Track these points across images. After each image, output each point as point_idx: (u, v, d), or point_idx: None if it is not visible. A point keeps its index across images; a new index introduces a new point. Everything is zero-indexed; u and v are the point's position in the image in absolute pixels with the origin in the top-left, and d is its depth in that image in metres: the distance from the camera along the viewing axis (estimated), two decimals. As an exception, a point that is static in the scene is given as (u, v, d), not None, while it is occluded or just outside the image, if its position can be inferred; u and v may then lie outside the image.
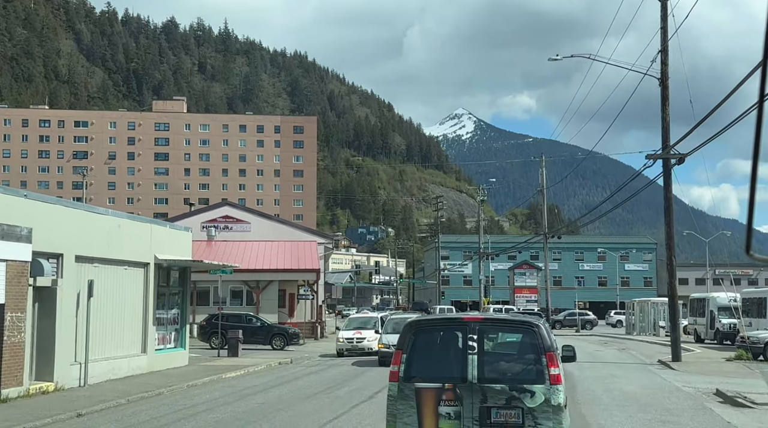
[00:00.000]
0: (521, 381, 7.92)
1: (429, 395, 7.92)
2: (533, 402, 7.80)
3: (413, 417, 7.93)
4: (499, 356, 8.40)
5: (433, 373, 8.08)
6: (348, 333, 29.57)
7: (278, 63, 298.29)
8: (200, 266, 24.04)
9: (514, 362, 8.29)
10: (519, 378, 7.98)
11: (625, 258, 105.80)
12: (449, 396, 7.88)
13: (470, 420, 7.82)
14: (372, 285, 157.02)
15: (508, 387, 7.88)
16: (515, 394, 7.83)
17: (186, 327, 23.68)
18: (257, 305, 40.55)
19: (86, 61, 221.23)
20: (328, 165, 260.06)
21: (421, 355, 8.18)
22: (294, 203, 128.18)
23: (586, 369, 23.84)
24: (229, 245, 46.15)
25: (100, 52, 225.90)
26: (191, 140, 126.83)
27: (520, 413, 7.78)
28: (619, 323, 71.91)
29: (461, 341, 8.11)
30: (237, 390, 18.40)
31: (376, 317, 30.52)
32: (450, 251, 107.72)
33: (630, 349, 34.83)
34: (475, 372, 7.92)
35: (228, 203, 54.21)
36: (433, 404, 7.90)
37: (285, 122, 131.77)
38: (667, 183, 26.31)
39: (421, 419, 7.91)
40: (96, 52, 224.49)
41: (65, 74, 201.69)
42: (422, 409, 7.91)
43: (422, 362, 8.15)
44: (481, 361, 7.98)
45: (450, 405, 7.87)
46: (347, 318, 31.87)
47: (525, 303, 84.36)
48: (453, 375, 7.97)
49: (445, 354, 8.28)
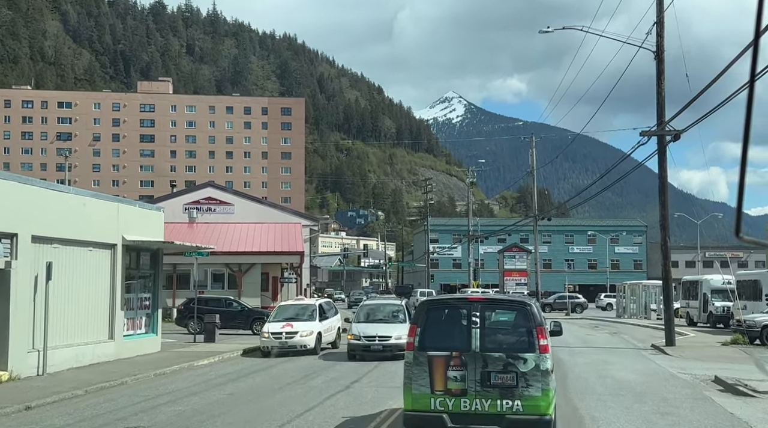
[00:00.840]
0: (515, 350, 9.43)
1: (439, 361, 9.42)
2: (525, 367, 9.29)
3: (426, 380, 9.43)
4: (497, 329, 9.80)
5: (443, 344, 9.58)
6: (275, 326, 22.61)
7: (267, 45, 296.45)
8: (172, 247, 22.81)
9: (510, 334, 9.78)
10: (514, 348, 9.49)
11: (615, 241, 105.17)
12: (456, 363, 9.38)
13: (473, 382, 9.32)
14: (361, 269, 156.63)
15: (505, 355, 9.37)
16: (510, 361, 9.32)
17: (158, 312, 22.49)
18: (239, 288, 39.44)
19: (73, 42, 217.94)
20: (317, 148, 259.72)
21: (432, 329, 9.74)
22: (282, 185, 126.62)
23: (578, 355, 22.87)
24: (211, 227, 45.00)
25: (86, 33, 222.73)
26: (177, 122, 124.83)
27: (514, 376, 9.28)
28: (609, 306, 71.27)
29: (466, 317, 9.62)
30: (207, 379, 17.30)
31: (313, 305, 23.89)
32: (439, 234, 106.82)
33: (622, 333, 33.95)
34: (478, 343, 9.45)
35: (211, 184, 52.95)
36: (442, 369, 9.40)
37: (272, 104, 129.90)
38: (662, 161, 25.27)
39: (432, 381, 9.42)
40: (83, 33, 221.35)
41: (51, 56, 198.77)
42: (433, 373, 9.42)
43: (433, 334, 9.69)
44: (483, 334, 9.51)
45: (457, 369, 9.37)
46: (277, 306, 25.06)
47: (515, 286, 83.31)
48: (459, 346, 9.47)
49: (452, 328, 9.74)
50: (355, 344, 21.22)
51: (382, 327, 21.49)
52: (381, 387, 15.70)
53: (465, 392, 9.32)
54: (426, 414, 9.39)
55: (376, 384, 16.15)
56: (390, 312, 22.73)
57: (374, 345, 20.94)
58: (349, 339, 21.63)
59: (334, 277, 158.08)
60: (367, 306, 23.79)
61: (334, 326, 25.06)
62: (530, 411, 9.19)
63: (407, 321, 21.16)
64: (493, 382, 9.28)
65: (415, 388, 9.47)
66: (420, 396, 9.44)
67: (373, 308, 23.25)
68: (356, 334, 21.38)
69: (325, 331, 23.65)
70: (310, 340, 22.25)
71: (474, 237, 76.88)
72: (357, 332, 21.40)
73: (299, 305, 24.44)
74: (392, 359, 20.31)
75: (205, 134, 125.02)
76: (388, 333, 21.14)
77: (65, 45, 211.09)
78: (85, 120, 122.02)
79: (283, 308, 24.23)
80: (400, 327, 21.12)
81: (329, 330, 24.18)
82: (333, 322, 24.89)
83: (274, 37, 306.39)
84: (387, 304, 23.84)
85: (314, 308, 23.67)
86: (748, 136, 2.62)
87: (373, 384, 16.34)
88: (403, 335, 19.86)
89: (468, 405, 9.31)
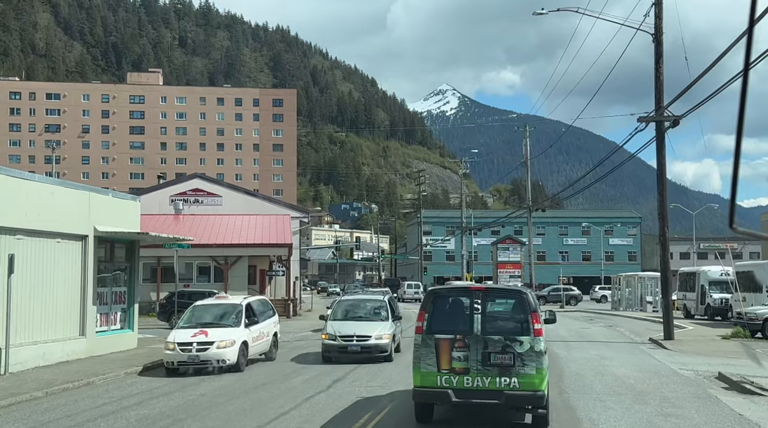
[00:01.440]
0: (513, 334, 10.34)
1: (445, 343, 10.32)
2: (521, 348, 10.19)
3: (433, 359, 10.32)
4: (496, 315, 10.70)
5: (448, 327, 10.49)
6: (184, 335, 17.08)
7: (260, 37, 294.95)
8: (149, 239, 21.70)
9: (508, 319, 10.67)
10: (511, 331, 10.40)
11: (609, 232, 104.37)
12: (460, 344, 10.29)
13: (475, 362, 10.22)
14: (354, 262, 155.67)
15: (503, 338, 10.28)
16: (508, 343, 10.23)
17: (135, 307, 21.43)
18: (225, 282, 38.39)
19: (64, 34, 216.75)
20: (311, 141, 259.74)
21: (439, 315, 10.63)
22: (273, 177, 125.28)
23: (574, 349, 21.95)
24: (197, 219, 43.95)
25: (78, 25, 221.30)
26: (167, 113, 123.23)
27: (511, 356, 10.18)
28: (604, 298, 70.58)
29: (469, 304, 10.59)
30: (180, 379, 16.30)
31: (239, 306, 18.29)
32: (432, 226, 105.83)
33: (618, 326, 33.07)
34: (479, 327, 10.39)
35: (199, 175, 51.87)
36: (448, 350, 10.29)
37: (264, 95, 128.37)
38: (660, 148, 24.30)
39: (438, 360, 10.30)
40: (74, 25, 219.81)
41: (42, 48, 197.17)
42: (440, 353, 10.32)
43: (440, 319, 10.57)
44: (484, 319, 10.44)
45: (460, 350, 10.28)
46: (191, 307, 19.04)
47: (508, 279, 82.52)
48: (463, 329, 10.40)
49: (456, 314, 10.67)
50: (329, 344, 18.75)
51: (361, 326, 19.19)
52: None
53: (468, 370, 10.26)
54: (433, 389, 10.35)
55: None
56: (371, 309, 20.37)
57: (352, 345, 18.62)
58: (324, 339, 18.99)
59: (327, 270, 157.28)
60: (345, 302, 21.13)
61: (268, 332, 19.39)
62: (526, 387, 10.13)
63: (390, 319, 19.79)
64: (493, 362, 10.22)
65: (423, 367, 10.41)
66: (428, 374, 10.37)
67: (352, 305, 20.77)
68: (331, 333, 18.81)
69: (254, 340, 18.15)
70: (231, 353, 16.78)
71: (467, 229, 75.99)
72: (332, 331, 18.85)
73: (220, 305, 18.68)
74: (372, 361, 18.36)
75: (196, 126, 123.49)
76: (368, 332, 18.82)
77: (56, 37, 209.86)
78: (73, 112, 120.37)
79: (199, 310, 18.54)
80: (382, 325, 19.29)
81: (260, 338, 18.67)
82: (266, 327, 19.24)
83: (267, 29, 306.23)
84: (368, 300, 21.30)
85: (240, 309, 18.11)
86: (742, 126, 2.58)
87: None
88: (385, 334, 18.79)
89: (470, 382, 10.26)
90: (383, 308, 20.32)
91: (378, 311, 20.29)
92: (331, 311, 20.43)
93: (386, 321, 19.62)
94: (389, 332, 19.11)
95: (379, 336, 18.72)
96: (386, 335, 18.93)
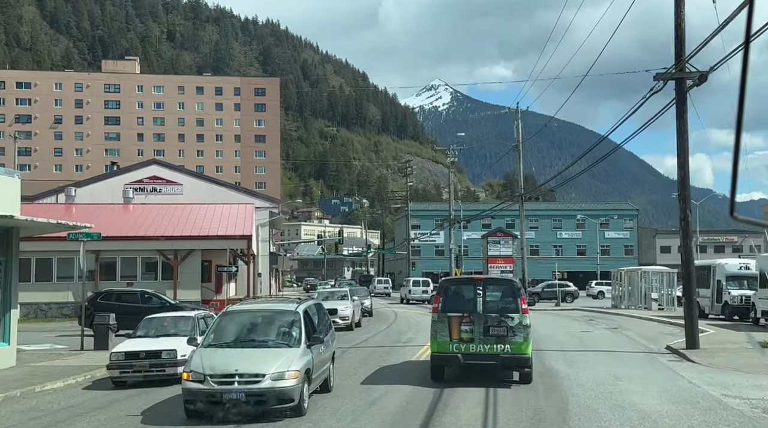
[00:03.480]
0: (506, 312, 14.16)
1: (455, 319, 14.12)
2: (513, 322, 14.01)
3: (446, 332, 14.09)
4: (494, 297, 14.38)
5: (458, 308, 14.30)
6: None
7: (249, 31, 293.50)
8: (32, 226, 16.77)
9: (502, 301, 14.37)
10: (504, 310, 14.20)
11: (605, 226, 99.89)
12: (467, 320, 14.08)
13: (478, 333, 14.01)
14: (343, 257, 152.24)
15: (499, 315, 14.12)
16: (502, 319, 14.06)
17: (10, 314, 16.57)
18: (175, 279, 33.69)
19: (50, 28, 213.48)
20: (301, 136, 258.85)
21: (450, 298, 14.54)
22: (256, 169, 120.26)
23: (578, 365, 17.26)
24: (148, 209, 39.31)
25: (64, 18, 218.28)
26: (144, 103, 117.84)
27: (505, 329, 13.99)
28: (601, 294, 66.21)
29: (473, 290, 14.42)
30: (34, 417, 11.60)
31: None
32: (421, 220, 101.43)
33: (624, 328, 28.43)
34: (481, 307, 14.17)
35: (156, 162, 47.25)
36: (457, 324, 14.08)
37: (245, 84, 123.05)
38: (681, 112, 19.64)
39: (450, 332, 14.07)
40: (60, 18, 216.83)
41: (27, 41, 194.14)
42: (451, 327, 14.08)
43: (451, 302, 14.44)
44: (484, 301, 14.23)
45: (467, 325, 14.07)
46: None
47: (499, 274, 78.31)
48: (468, 309, 14.21)
49: (464, 297, 14.55)
50: (194, 390, 10.95)
51: (249, 357, 11.48)
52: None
53: (472, 340, 13.97)
54: (446, 354, 14.08)
55: None
56: (274, 328, 12.53)
57: (230, 392, 10.89)
58: (185, 379, 11.13)
59: (315, 266, 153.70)
60: (231, 316, 13.01)
61: None
62: (516, 352, 13.87)
63: (303, 343, 11.96)
64: (491, 333, 13.94)
65: (439, 338, 14.10)
66: (442, 342, 14.08)
67: (242, 321, 12.72)
68: (197, 371, 11.09)
69: None
70: None
71: (455, 221, 71.38)
72: (200, 366, 11.17)
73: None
74: (261, 419, 10.99)
75: (174, 116, 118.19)
76: (259, 369, 11.11)
77: (42, 31, 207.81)
78: (45, 101, 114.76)
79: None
80: (289, 355, 11.53)
81: None
82: None
83: (257, 22, 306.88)
84: (268, 312, 13.07)
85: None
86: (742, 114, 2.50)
87: None
88: (289, 371, 11.14)
89: (474, 348, 13.97)
90: (296, 326, 12.31)
91: (286, 332, 12.37)
92: (205, 334, 12.99)
93: (297, 346, 11.86)
94: (297, 367, 11.32)
95: (281, 375, 11.05)
96: (291, 372, 11.17)
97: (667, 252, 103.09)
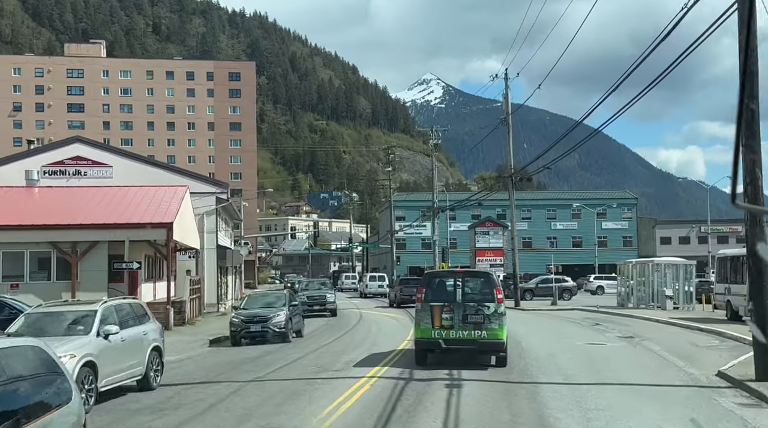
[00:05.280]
0: (483, 301, 15.52)
1: (437, 308, 15.45)
2: (489, 311, 15.35)
3: (429, 319, 15.44)
4: (472, 288, 15.87)
5: (439, 297, 15.66)
6: None
7: (237, 24, 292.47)
8: None
9: (479, 291, 15.78)
10: (481, 299, 15.58)
11: (602, 216, 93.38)
12: (447, 309, 15.41)
13: (458, 321, 15.32)
14: (329, 252, 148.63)
15: (477, 304, 15.44)
16: (480, 307, 15.38)
17: None
18: (73, 279, 26.88)
19: (32, 20, 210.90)
20: (290, 129, 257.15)
21: (433, 289, 15.91)
22: (231, 159, 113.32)
23: (599, 420, 10.35)
24: (55, 193, 32.56)
25: (46, 11, 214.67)
26: (110, 89, 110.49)
27: (482, 316, 15.29)
28: (600, 289, 59.77)
29: (453, 281, 16.07)
30: None
31: None
32: (406, 211, 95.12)
33: (642, 337, 21.60)
34: (460, 297, 15.61)
35: (80, 139, 40.47)
36: (439, 313, 15.41)
37: (219, 68, 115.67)
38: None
39: (432, 320, 15.41)
40: (42, 11, 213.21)
41: (8, 35, 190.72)
42: (433, 315, 15.41)
43: (434, 292, 15.81)
44: (464, 291, 15.73)
45: (448, 313, 15.40)
46: None
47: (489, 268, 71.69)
48: (449, 299, 15.64)
49: (445, 288, 16.02)
50: None
51: None
52: None
53: (452, 326, 15.34)
54: (429, 339, 15.50)
55: None
56: None
57: None
58: None
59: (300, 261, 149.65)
60: None
61: None
62: (492, 337, 15.23)
63: None
64: (470, 320, 15.29)
65: (422, 325, 15.56)
66: (425, 329, 15.52)
67: None
68: None
69: None
70: None
71: (439, 210, 64.83)
72: None
73: None
74: None
75: (143, 103, 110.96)
76: None
77: (24, 24, 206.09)
78: (3, 87, 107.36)
79: None
80: None
81: None
82: None
83: (244, 15, 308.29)
84: None
85: None
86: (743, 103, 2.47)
87: None
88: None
89: (454, 334, 15.35)
90: None
91: None
92: None
93: None
94: None
95: None
96: None
97: (667, 243, 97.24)
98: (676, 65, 13.75)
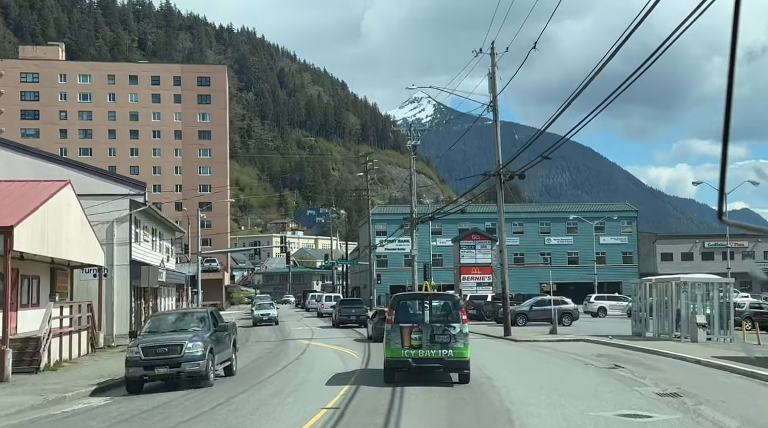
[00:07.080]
0: (449, 321, 16.75)
1: (406, 329, 16.54)
2: (455, 331, 16.50)
3: (399, 339, 16.47)
4: (438, 310, 17.28)
5: (408, 319, 16.82)
6: None
7: (224, 39, 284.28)
8: None
9: (445, 313, 17.17)
10: (447, 320, 16.82)
11: (600, 229, 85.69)
12: (416, 329, 16.49)
13: (426, 340, 16.37)
14: (312, 270, 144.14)
15: (443, 325, 16.62)
16: (446, 328, 16.55)
17: None
18: None
19: (14, 36, 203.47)
20: (278, 145, 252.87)
21: (402, 311, 17.05)
22: (200, 170, 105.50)
23: None
24: None
25: (29, 27, 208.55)
26: (68, 95, 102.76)
27: (448, 336, 16.40)
28: (602, 311, 51.95)
29: (420, 304, 17.36)
30: None
31: None
32: (388, 225, 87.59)
33: (694, 397, 13.16)
34: (428, 318, 16.82)
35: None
36: (408, 333, 16.47)
37: (186, 73, 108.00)
38: None
39: (402, 340, 16.45)
40: (25, 27, 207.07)
41: None
42: (403, 336, 16.46)
43: (402, 314, 16.88)
44: (431, 313, 17.01)
45: (416, 333, 16.46)
46: None
47: (475, 288, 63.62)
48: (417, 320, 16.79)
49: (413, 310, 17.26)
50: None
51: None
52: None
53: (421, 346, 16.39)
54: (399, 359, 16.43)
55: None
56: None
57: None
58: None
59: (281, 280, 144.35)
60: None
61: None
62: (457, 356, 16.37)
63: None
64: (437, 340, 16.37)
65: (392, 345, 16.55)
66: (395, 349, 16.50)
67: None
68: None
69: None
70: None
71: (418, 220, 57.10)
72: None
73: None
74: None
75: (104, 110, 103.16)
76: None
77: (5, 39, 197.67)
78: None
79: None
80: None
81: None
82: None
83: (232, 30, 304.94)
84: None
85: None
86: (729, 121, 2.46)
87: None
88: None
89: (423, 353, 16.38)
90: None
91: None
92: None
93: None
94: None
95: None
96: None
97: (668, 260, 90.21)
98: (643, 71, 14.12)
